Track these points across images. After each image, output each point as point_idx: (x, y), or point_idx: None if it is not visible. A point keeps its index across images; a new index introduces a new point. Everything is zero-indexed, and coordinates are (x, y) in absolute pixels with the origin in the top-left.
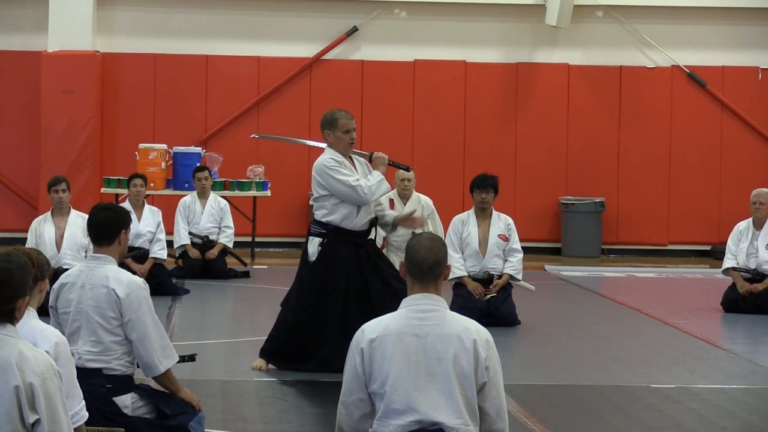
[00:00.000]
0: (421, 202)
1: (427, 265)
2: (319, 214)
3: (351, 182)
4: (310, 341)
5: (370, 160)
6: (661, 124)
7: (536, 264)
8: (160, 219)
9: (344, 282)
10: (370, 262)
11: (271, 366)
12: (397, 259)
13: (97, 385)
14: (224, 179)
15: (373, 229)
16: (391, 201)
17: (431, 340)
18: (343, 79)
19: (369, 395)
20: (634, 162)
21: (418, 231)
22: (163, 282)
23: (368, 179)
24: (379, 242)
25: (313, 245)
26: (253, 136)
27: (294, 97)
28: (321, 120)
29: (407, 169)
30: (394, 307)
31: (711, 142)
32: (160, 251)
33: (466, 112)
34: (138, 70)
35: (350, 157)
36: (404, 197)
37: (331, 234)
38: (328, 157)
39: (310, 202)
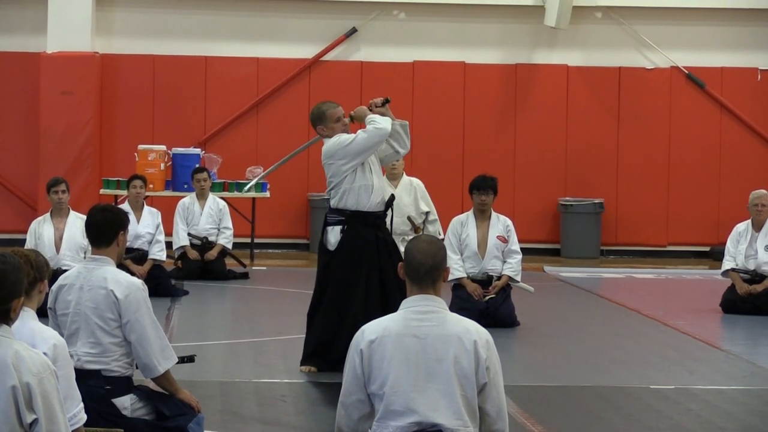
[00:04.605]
0: (413, 184)
1: (423, 270)
2: (334, 202)
3: (360, 133)
4: (337, 331)
5: (352, 120)
6: (660, 125)
7: (535, 265)
8: (160, 220)
9: (367, 268)
10: (386, 249)
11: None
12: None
13: (96, 387)
14: (223, 180)
15: (389, 211)
16: None
17: (431, 341)
18: (342, 81)
19: (368, 396)
20: (633, 163)
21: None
22: (162, 283)
23: (374, 123)
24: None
25: (334, 233)
26: (257, 176)
27: (293, 99)
28: (309, 118)
29: (387, 101)
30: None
31: (710, 143)
32: (159, 252)
33: (465, 113)
34: (137, 71)
35: None
36: (394, 178)
37: (350, 219)
38: (330, 139)
39: (326, 194)
